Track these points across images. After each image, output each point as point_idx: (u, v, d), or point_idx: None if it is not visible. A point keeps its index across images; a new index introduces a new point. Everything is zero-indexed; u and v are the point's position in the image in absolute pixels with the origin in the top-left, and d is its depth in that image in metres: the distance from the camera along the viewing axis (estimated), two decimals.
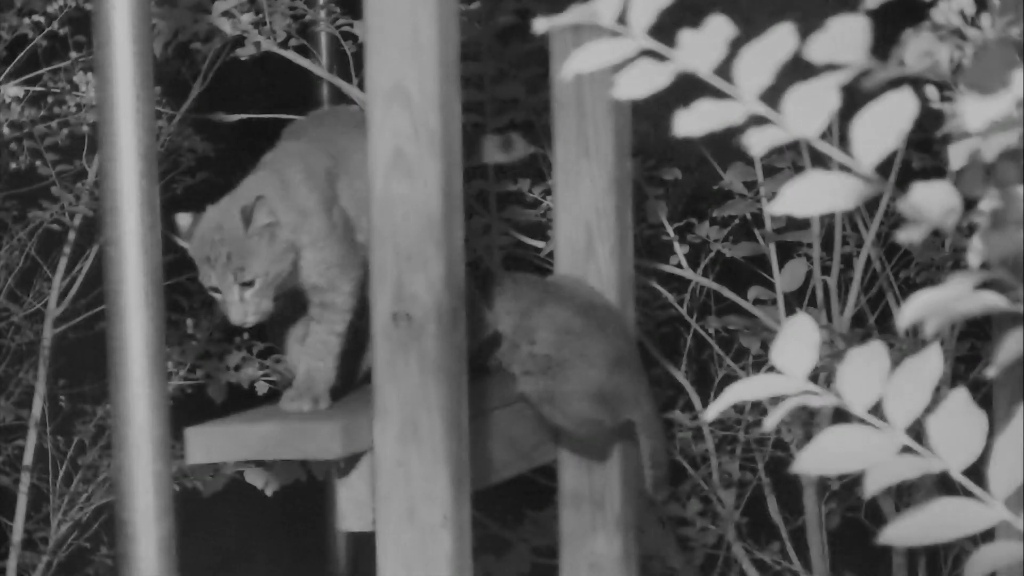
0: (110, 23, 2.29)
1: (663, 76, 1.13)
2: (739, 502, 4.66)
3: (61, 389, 4.86)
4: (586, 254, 3.34)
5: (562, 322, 3.15)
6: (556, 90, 3.37)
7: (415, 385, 2.61)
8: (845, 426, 1.22)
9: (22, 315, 4.74)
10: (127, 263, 2.31)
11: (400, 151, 2.59)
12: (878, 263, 4.48)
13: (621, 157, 3.36)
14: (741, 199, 4.35)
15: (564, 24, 1.16)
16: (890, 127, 1.07)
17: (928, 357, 1.22)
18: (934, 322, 1.06)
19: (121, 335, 2.32)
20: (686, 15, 1.45)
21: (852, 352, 1.25)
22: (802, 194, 1.09)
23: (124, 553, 2.33)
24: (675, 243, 4.38)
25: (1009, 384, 2.76)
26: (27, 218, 4.65)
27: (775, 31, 1.10)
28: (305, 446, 2.57)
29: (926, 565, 4.69)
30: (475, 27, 4.10)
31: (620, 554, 3.37)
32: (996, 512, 1.17)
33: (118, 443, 2.32)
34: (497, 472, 3.08)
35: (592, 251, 3.34)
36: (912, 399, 1.21)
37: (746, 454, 4.63)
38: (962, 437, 1.19)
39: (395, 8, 2.57)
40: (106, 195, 2.31)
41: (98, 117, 2.32)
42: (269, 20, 3.93)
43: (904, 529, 1.19)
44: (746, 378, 2.27)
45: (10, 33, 4.23)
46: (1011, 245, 1.11)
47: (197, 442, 2.59)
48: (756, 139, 1.09)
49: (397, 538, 2.62)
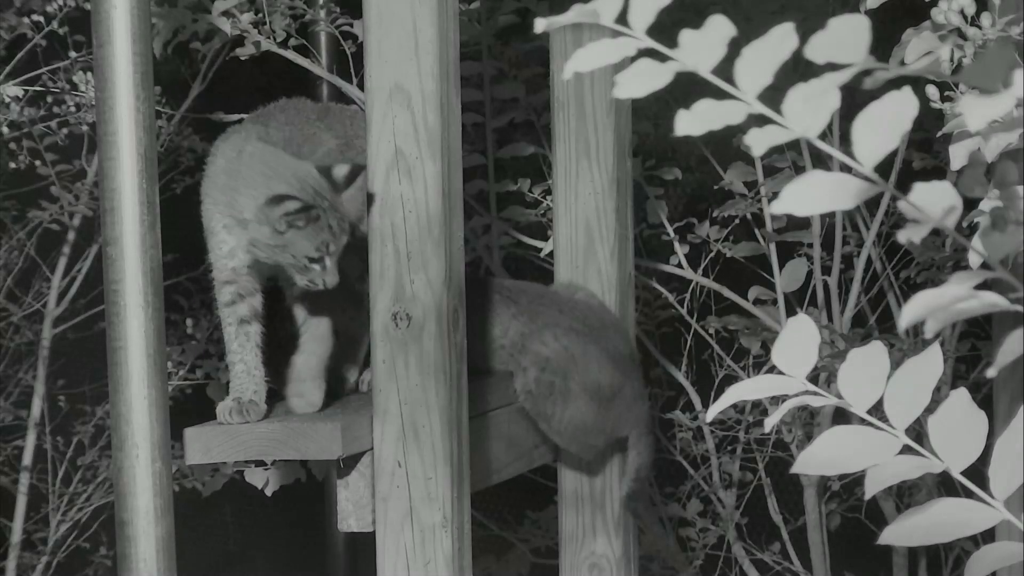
0: (110, 23, 2.29)
1: (663, 76, 1.13)
2: (739, 502, 4.66)
3: (60, 389, 4.86)
4: (586, 254, 3.34)
5: (564, 345, 3.17)
6: (556, 90, 3.37)
7: (415, 385, 2.61)
8: (845, 426, 1.22)
9: (21, 315, 4.75)
10: (127, 263, 2.31)
11: (400, 151, 2.59)
12: (879, 263, 4.48)
13: (621, 157, 3.36)
14: (741, 199, 4.35)
15: (564, 23, 1.16)
16: (890, 127, 1.07)
17: (928, 357, 1.22)
18: (934, 322, 1.06)
19: (121, 335, 2.31)
20: (686, 15, 1.45)
21: (853, 352, 1.25)
22: (802, 194, 1.09)
23: (124, 553, 2.33)
24: (675, 243, 4.38)
25: (1009, 384, 2.76)
26: (26, 218, 4.65)
27: (775, 31, 1.10)
28: (305, 446, 2.57)
29: (927, 565, 4.69)
30: (475, 27, 4.10)
31: (620, 554, 3.37)
32: (996, 512, 1.17)
33: (118, 443, 2.32)
34: (497, 472, 3.08)
35: (592, 251, 3.34)
36: (912, 399, 1.21)
37: (746, 454, 4.63)
38: (962, 437, 1.19)
39: (395, 8, 2.57)
40: (106, 195, 2.31)
41: (98, 117, 2.31)
42: (269, 20, 3.93)
43: (904, 529, 1.19)
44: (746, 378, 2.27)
45: (9, 33, 4.23)
46: (1011, 245, 1.11)
47: (197, 442, 2.59)
48: (757, 138, 1.08)
49: (397, 538, 2.62)
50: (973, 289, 1.06)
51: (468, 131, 4.18)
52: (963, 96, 1.96)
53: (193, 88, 4.52)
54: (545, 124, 4.06)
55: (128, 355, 2.32)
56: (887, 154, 1.08)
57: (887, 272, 4.50)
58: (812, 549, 4.51)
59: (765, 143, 1.08)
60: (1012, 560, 1.19)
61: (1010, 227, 1.11)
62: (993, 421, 1.19)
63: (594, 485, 3.37)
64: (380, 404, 2.61)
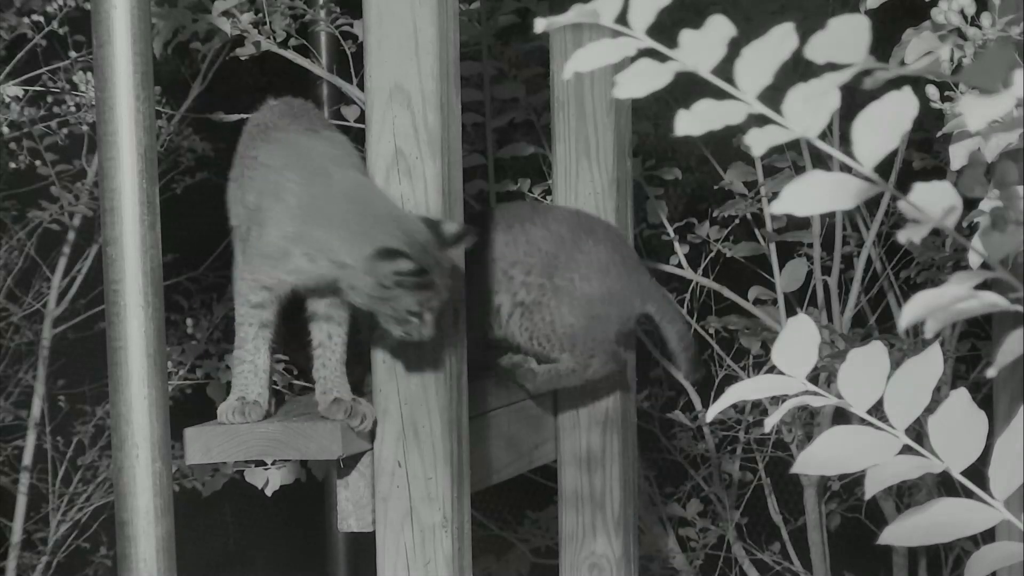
0: (110, 23, 2.29)
1: (663, 76, 1.13)
2: (739, 502, 4.66)
3: (60, 389, 4.86)
4: None
5: (553, 233, 3.16)
6: (556, 90, 3.37)
7: (415, 385, 2.61)
8: (845, 426, 1.22)
9: (21, 315, 4.75)
10: (127, 263, 2.31)
11: (400, 151, 2.59)
12: (879, 263, 4.48)
13: (621, 157, 3.36)
14: (741, 199, 4.35)
15: (564, 23, 1.16)
16: (890, 127, 1.07)
17: (928, 357, 1.22)
18: (934, 322, 1.06)
19: (121, 335, 2.31)
20: (686, 15, 1.45)
21: (852, 352, 1.25)
22: (802, 194, 1.09)
23: (124, 553, 2.33)
24: (675, 243, 4.38)
25: (1009, 384, 2.76)
26: (26, 218, 4.65)
27: (775, 31, 1.10)
28: (305, 446, 2.57)
29: (927, 565, 4.69)
30: (475, 27, 4.10)
31: (620, 554, 3.37)
32: (996, 512, 1.17)
33: (118, 443, 2.32)
34: (497, 472, 3.08)
35: None
36: (912, 399, 1.21)
37: (746, 454, 4.63)
38: (962, 437, 1.19)
39: (395, 8, 2.57)
40: (106, 195, 2.31)
41: (98, 117, 2.31)
42: (269, 20, 3.93)
43: (904, 529, 1.19)
44: (746, 378, 2.27)
45: (9, 32, 4.23)
46: (1011, 245, 1.11)
47: (197, 442, 2.59)
48: (757, 138, 1.08)
49: (397, 538, 2.62)
50: (973, 289, 1.06)
51: (468, 131, 4.18)
52: (963, 96, 1.96)
53: (193, 88, 4.52)
54: (545, 124, 4.06)
55: (128, 355, 2.32)
56: (887, 154, 1.09)
57: (887, 272, 4.50)
58: (812, 549, 4.51)
59: (765, 143, 1.09)
60: (1012, 560, 1.19)
61: (1010, 227, 1.11)
62: (993, 421, 1.19)
63: (594, 485, 3.37)
64: (380, 404, 2.61)
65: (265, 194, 2.56)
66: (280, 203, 2.53)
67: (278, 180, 2.56)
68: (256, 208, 2.57)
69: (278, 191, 2.54)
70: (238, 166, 2.70)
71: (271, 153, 2.62)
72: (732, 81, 1.11)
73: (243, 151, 2.71)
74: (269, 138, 2.65)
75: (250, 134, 2.73)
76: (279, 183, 2.55)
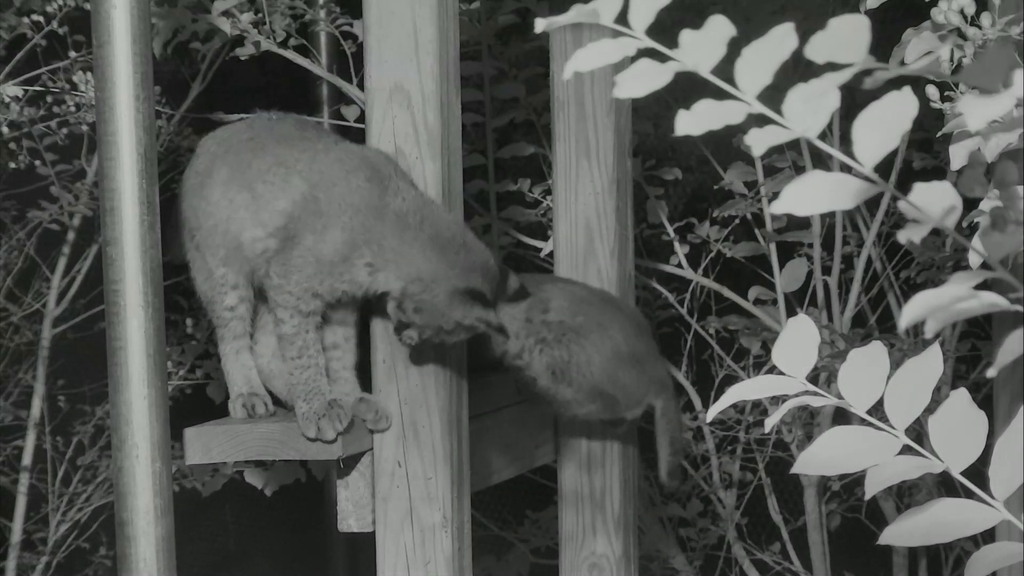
0: (110, 23, 2.29)
1: (663, 76, 1.13)
2: (739, 502, 4.66)
3: (60, 389, 4.86)
4: (586, 254, 3.34)
5: (575, 293, 3.14)
6: (556, 90, 3.37)
7: (415, 385, 2.61)
8: (845, 426, 1.22)
9: (21, 315, 4.74)
10: (127, 263, 2.31)
11: (400, 151, 2.59)
12: (879, 263, 4.48)
13: (621, 157, 3.36)
14: (741, 199, 4.35)
15: (564, 23, 1.16)
16: (890, 127, 1.07)
17: (928, 357, 1.22)
18: (934, 322, 1.06)
19: (121, 335, 2.31)
20: (686, 15, 1.45)
21: (853, 352, 1.25)
22: (803, 194, 1.09)
23: (124, 553, 2.33)
24: (675, 243, 4.38)
25: (1009, 384, 2.76)
26: (26, 218, 4.65)
27: (775, 31, 1.10)
28: (305, 446, 2.57)
29: (927, 565, 4.69)
30: (475, 27, 4.10)
31: (620, 554, 3.36)
32: (996, 512, 1.17)
33: (118, 443, 2.32)
34: (497, 473, 3.08)
35: (592, 251, 3.34)
36: (912, 399, 1.21)
37: (746, 454, 4.63)
38: (962, 437, 1.19)
39: (395, 8, 2.57)
40: (106, 195, 2.31)
41: (98, 117, 2.31)
42: (269, 20, 3.93)
43: (904, 529, 1.19)
44: (746, 378, 2.27)
45: (9, 32, 4.23)
46: (1011, 245, 1.11)
47: (197, 442, 2.59)
48: (757, 138, 1.08)
49: (397, 538, 2.62)
50: (973, 289, 1.06)
51: (468, 131, 4.18)
52: (963, 96, 1.96)
53: (193, 88, 4.52)
54: (545, 124, 4.06)
55: (128, 355, 2.32)
56: (887, 154, 1.09)
57: (887, 272, 4.50)
58: (812, 549, 4.51)
59: (765, 143, 1.09)
60: (1012, 560, 1.19)
61: (1010, 227, 1.11)
62: (993, 421, 1.19)
63: (594, 485, 3.37)
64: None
65: (328, 213, 2.51)
66: (337, 222, 2.50)
67: (346, 186, 2.52)
68: (293, 216, 2.53)
69: (346, 198, 2.51)
70: (242, 175, 2.66)
71: (318, 161, 2.57)
72: (732, 81, 1.11)
73: (251, 160, 2.67)
74: (296, 147, 2.61)
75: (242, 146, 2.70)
76: (346, 190, 2.51)
